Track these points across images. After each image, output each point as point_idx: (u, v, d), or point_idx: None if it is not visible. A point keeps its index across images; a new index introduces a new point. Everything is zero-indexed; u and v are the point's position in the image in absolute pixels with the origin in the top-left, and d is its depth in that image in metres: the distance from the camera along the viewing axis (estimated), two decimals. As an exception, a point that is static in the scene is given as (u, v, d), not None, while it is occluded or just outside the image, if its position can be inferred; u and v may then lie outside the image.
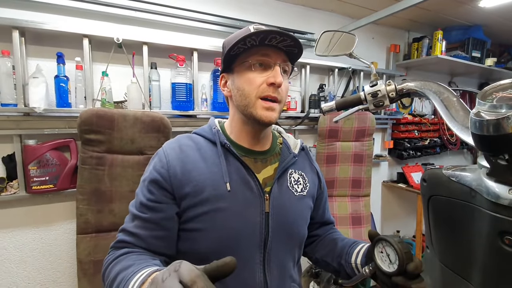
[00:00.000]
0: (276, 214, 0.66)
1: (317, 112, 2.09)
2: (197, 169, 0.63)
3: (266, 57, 0.62)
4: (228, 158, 0.66)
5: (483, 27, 2.54)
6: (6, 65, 1.26)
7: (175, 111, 1.63)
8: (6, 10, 1.33)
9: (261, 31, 0.58)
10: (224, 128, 0.73)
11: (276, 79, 0.61)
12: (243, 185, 0.64)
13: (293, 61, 0.68)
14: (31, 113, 1.31)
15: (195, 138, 0.69)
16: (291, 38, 0.60)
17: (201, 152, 0.66)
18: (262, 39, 0.60)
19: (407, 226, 2.90)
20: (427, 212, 0.54)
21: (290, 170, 0.72)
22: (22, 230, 1.44)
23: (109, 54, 1.47)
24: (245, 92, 0.63)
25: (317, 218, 0.82)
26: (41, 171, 1.35)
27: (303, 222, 0.72)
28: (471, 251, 0.46)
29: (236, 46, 0.60)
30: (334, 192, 2.10)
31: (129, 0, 1.52)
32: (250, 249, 0.63)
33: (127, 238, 0.61)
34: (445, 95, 0.52)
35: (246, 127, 0.68)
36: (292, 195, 0.70)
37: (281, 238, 0.66)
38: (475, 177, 0.43)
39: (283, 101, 0.66)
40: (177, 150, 0.65)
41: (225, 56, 0.65)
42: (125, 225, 0.64)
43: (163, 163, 0.63)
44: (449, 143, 2.91)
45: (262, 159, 0.70)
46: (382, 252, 0.57)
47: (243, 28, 0.66)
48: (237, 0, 1.88)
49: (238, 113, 0.68)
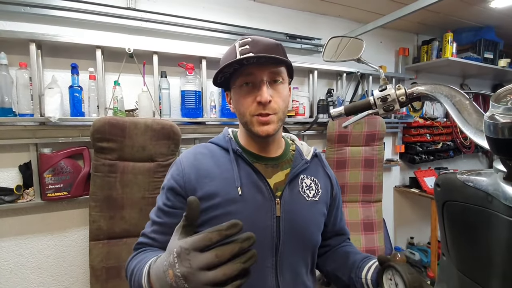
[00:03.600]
0: (288, 218, 0.66)
1: (325, 117, 2.08)
2: (210, 175, 0.65)
3: (250, 76, 0.63)
4: (240, 163, 0.68)
5: (495, 28, 2.48)
6: (24, 76, 1.31)
7: (185, 118, 1.65)
8: (24, 25, 1.39)
9: (234, 61, 0.59)
10: (236, 136, 0.75)
11: (261, 98, 0.62)
12: (254, 190, 0.65)
13: (289, 68, 0.68)
14: (47, 122, 1.35)
15: (209, 146, 0.72)
16: (265, 58, 0.60)
17: (214, 159, 0.68)
18: (239, 62, 0.60)
19: (421, 232, 2.82)
20: (442, 218, 0.53)
21: (302, 176, 0.72)
22: (37, 236, 1.47)
23: (121, 64, 1.51)
24: (240, 111, 0.66)
25: (329, 225, 0.80)
26: (55, 178, 1.39)
27: (315, 228, 0.72)
28: (489, 258, 0.45)
29: (218, 76, 0.63)
30: (345, 198, 2.07)
31: (139, 11, 1.57)
32: (262, 253, 0.63)
33: (146, 241, 0.66)
34: (457, 98, 0.51)
35: (252, 138, 0.71)
36: (304, 200, 0.70)
37: (293, 243, 0.67)
38: (492, 181, 0.42)
39: (281, 110, 0.66)
40: (191, 158, 0.68)
41: (214, 83, 0.68)
42: (145, 230, 0.68)
43: (179, 171, 0.67)
44: (463, 147, 2.84)
45: (273, 165, 0.71)
46: (391, 280, 0.55)
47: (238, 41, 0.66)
48: (245, 9, 1.91)
49: (243, 127, 0.71)
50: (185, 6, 1.73)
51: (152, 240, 0.66)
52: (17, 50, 1.35)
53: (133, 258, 0.63)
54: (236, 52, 0.63)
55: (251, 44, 0.62)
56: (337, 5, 2.03)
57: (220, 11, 1.83)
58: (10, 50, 1.33)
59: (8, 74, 1.30)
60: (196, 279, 0.38)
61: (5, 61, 1.29)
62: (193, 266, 0.38)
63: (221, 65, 0.62)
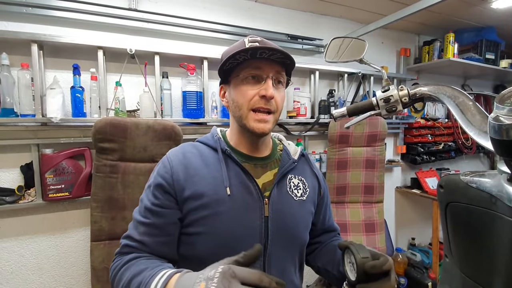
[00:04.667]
0: (276, 218, 0.67)
1: (327, 118, 2.08)
2: (198, 174, 0.65)
3: (258, 70, 0.64)
4: (229, 163, 0.68)
5: (497, 28, 2.48)
6: (26, 77, 1.31)
7: (186, 119, 1.65)
8: (26, 25, 1.39)
9: (251, 48, 0.60)
10: (225, 136, 0.75)
11: (267, 92, 0.62)
12: (242, 190, 0.66)
13: (288, 71, 0.70)
14: (48, 123, 1.35)
15: (198, 146, 0.72)
16: (280, 52, 0.62)
17: (203, 158, 0.68)
18: (252, 54, 0.61)
19: (422, 233, 2.81)
20: (445, 220, 0.53)
21: (290, 175, 0.73)
22: (38, 237, 1.47)
23: (122, 64, 1.51)
24: (238, 104, 0.66)
25: (318, 224, 0.81)
26: (57, 179, 1.39)
27: (303, 227, 0.73)
28: (493, 260, 0.44)
29: (228, 61, 0.63)
30: (346, 199, 2.07)
31: (141, 12, 1.57)
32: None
33: (132, 244, 0.63)
34: (460, 99, 0.51)
35: (244, 136, 0.71)
36: (292, 199, 0.71)
37: (281, 242, 0.67)
38: (495, 183, 0.42)
39: (279, 111, 0.68)
40: (180, 156, 0.68)
41: (219, 70, 0.67)
42: (129, 232, 0.65)
43: (167, 168, 0.65)
44: (464, 147, 2.83)
45: (262, 165, 0.72)
46: (350, 263, 0.55)
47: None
48: (246, 9, 1.91)
49: (236, 122, 0.70)
50: (186, 6, 1.73)
51: (140, 243, 0.62)
52: (19, 51, 1.35)
53: (125, 267, 0.59)
54: (246, 46, 0.63)
55: (260, 43, 0.64)
56: (339, 5, 2.03)
57: (222, 11, 1.83)
58: (12, 50, 1.33)
59: (10, 75, 1.30)
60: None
61: (7, 62, 1.29)
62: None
63: (230, 53, 0.62)
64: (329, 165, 2.06)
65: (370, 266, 0.50)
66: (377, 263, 0.51)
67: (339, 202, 2.08)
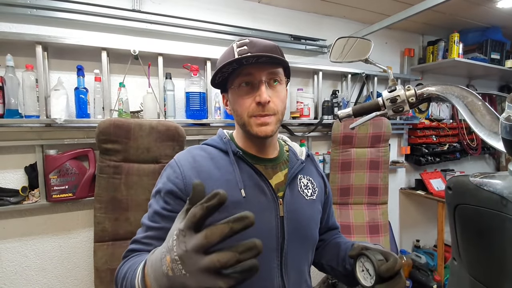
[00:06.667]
0: (291, 218, 0.67)
1: (330, 119, 2.07)
2: (211, 177, 0.64)
3: (249, 77, 0.63)
4: (241, 165, 0.67)
5: (502, 28, 2.46)
6: (30, 78, 1.32)
7: (189, 120, 1.65)
8: (30, 27, 1.40)
9: (235, 60, 0.59)
10: (233, 137, 0.75)
11: (261, 98, 0.62)
12: (257, 191, 0.66)
13: (286, 70, 0.69)
14: (52, 124, 1.36)
15: (206, 149, 0.71)
16: (265, 56, 0.60)
17: (214, 161, 0.67)
18: (238, 62, 0.60)
19: (427, 235, 2.78)
20: (454, 222, 0.52)
21: (300, 176, 0.74)
22: (42, 237, 1.48)
23: (126, 65, 1.51)
24: (238, 113, 0.66)
25: (323, 222, 0.82)
26: (61, 180, 1.39)
27: (315, 225, 0.74)
28: (503, 263, 0.43)
29: (217, 75, 0.63)
30: (350, 200, 2.05)
31: (145, 13, 1.57)
32: (268, 254, 0.64)
33: (139, 247, 0.61)
34: (469, 99, 0.50)
35: (251, 139, 0.71)
36: (303, 199, 0.72)
37: (297, 242, 0.68)
38: (507, 184, 0.41)
39: (280, 111, 0.66)
40: (190, 160, 0.66)
41: (212, 83, 0.67)
42: (137, 236, 0.64)
43: (177, 173, 0.64)
44: (469, 148, 2.81)
45: (272, 166, 0.72)
46: (363, 271, 0.58)
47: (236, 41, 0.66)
48: (249, 10, 1.91)
49: (240, 128, 0.70)
50: (190, 8, 1.73)
51: (146, 245, 0.61)
52: (23, 52, 1.36)
53: (124, 263, 0.59)
54: (234, 52, 0.62)
55: (249, 45, 0.62)
56: (342, 6, 2.03)
57: (225, 12, 1.83)
58: (17, 52, 1.34)
59: (14, 76, 1.31)
60: (192, 262, 0.34)
61: (11, 63, 1.30)
62: (188, 248, 0.34)
63: (219, 65, 0.62)
64: (332, 166, 2.05)
65: (385, 270, 0.52)
66: (390, 266, 0.52)
67: (343, 203, 2.06)
